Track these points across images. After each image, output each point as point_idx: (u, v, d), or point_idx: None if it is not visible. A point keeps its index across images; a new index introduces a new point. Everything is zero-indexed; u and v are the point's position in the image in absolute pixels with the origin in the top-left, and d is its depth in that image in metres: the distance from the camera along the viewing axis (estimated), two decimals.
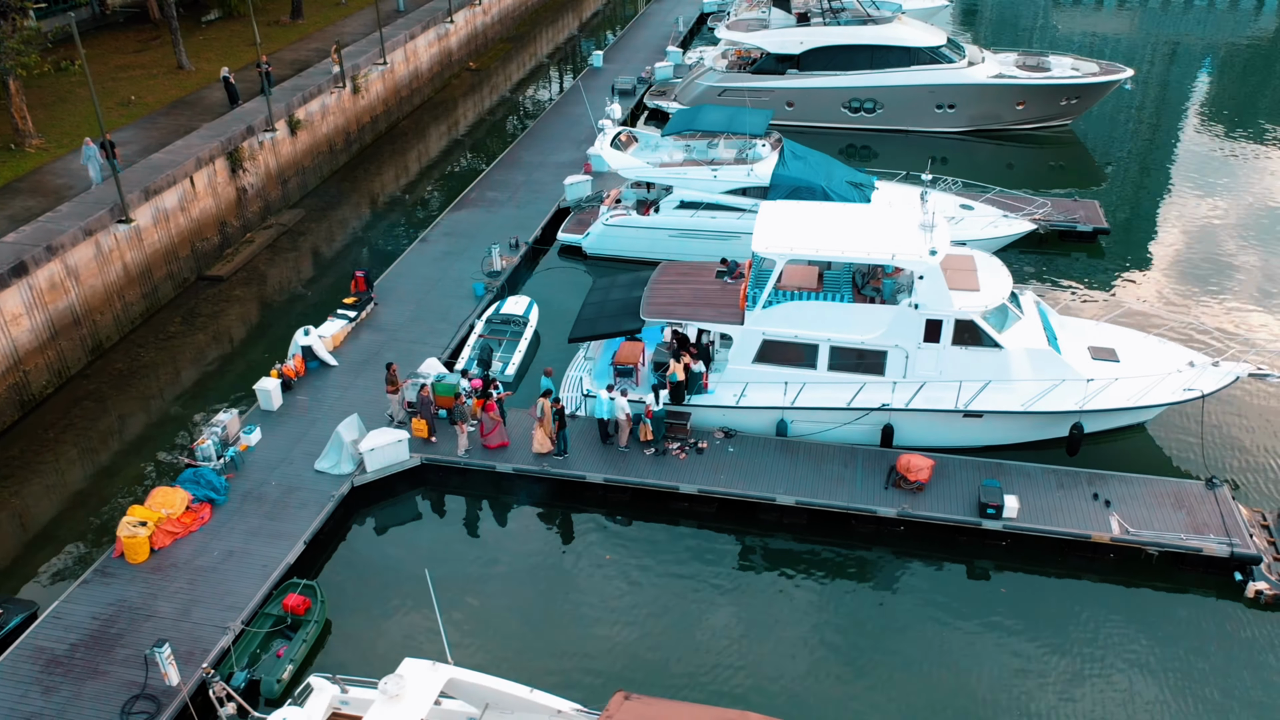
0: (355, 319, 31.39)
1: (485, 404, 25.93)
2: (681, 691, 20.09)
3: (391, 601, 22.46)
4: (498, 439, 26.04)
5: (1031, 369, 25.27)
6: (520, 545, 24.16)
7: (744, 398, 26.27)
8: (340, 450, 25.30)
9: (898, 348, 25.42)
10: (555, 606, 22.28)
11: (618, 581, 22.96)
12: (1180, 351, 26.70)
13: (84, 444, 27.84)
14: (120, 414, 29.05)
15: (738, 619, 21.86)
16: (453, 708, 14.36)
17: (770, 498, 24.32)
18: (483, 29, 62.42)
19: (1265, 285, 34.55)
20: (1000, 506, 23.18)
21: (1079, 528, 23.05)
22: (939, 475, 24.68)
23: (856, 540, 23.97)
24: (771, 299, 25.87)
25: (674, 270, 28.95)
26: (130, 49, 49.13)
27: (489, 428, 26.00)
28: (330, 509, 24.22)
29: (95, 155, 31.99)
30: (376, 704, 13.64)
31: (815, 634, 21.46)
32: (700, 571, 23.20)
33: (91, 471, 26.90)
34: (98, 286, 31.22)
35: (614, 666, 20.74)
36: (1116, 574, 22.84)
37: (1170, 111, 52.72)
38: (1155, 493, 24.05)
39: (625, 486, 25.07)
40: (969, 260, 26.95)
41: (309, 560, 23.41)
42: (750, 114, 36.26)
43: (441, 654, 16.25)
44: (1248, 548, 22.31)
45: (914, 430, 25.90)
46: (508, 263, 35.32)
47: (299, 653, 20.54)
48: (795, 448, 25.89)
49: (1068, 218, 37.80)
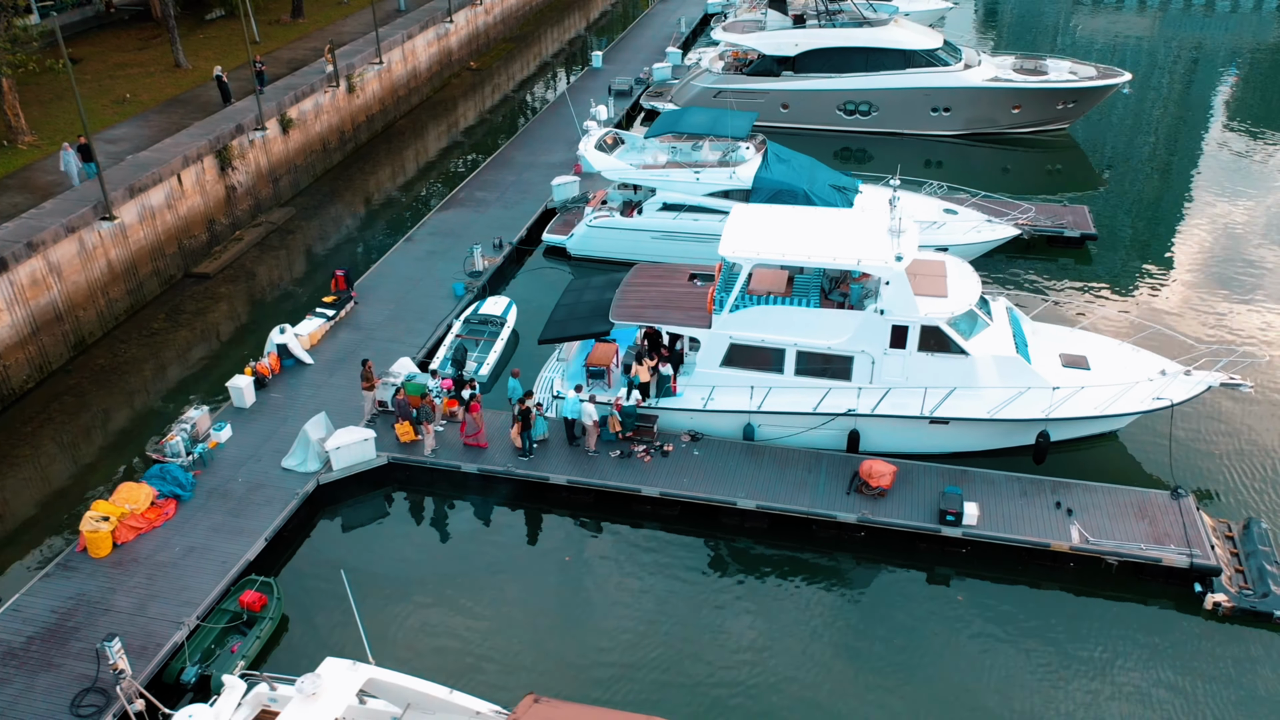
0: (333, 318, 31.59)
1: (469, 405, 26.03)
2: (617, 691, 20.15)
3: (348, 600, 22.59)
4: (483, 439, 26.09)
5: (999, 376, 25.14)
6: (481, 546, 24.26)
7: (711, 401, 26.27)
8: (307, 448, 25.50)
9: (864, 353, 25.35)
10: (509, 608, 22.36)
11: (575, 584, 23.02)
12: (1153, 360, 26.47)
13: (61, 438, 28.17)
14: (99, 409, 29.37)
15: (690, 623, 21.87)
16: (378, 707, 14.47)
17: (731, 502, 24.31)
18: (484, 29, 62.63)
19: (1251, 295, 34.21)
20: (960, 514, 23.07)
21: (1040, 536, 22.92)
22: (902, 481, 24.60)
23: (817, 545, 23.93)
24: (738, 303, 25.85)
25: (647, 273, 28.98)
26: (132, 47, 49.65)
27: (472, 429, 26.13)
28: (294, 506, 24.41)
29: (73, 160, 32.39)
30: (293, 702, 13.78)
31: (764, 640, 21.43)
32: (658, 574, 23.22)
33: (66, 466, 27.22)
34: (80, 283, 31.57)
35: (556, 667, 20.82)
36: (1076, 583, 22.69)
37: (1177, 117, 52.21)
38: (1119, 502, 23.87)
39: (588, 488, 25.13)
40: (940, 266, 26.83)
41: (271, 557, 23.61)
42: (734, 116, 36.23)
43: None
44: (1208, 559, 22.12)
45: (880, 436, 25.83)
46: (490, 263, 35.45)
47: (252, 649, 20.71)
48: (760, 452, 25.88)
49: (1055, 223, 37.55)
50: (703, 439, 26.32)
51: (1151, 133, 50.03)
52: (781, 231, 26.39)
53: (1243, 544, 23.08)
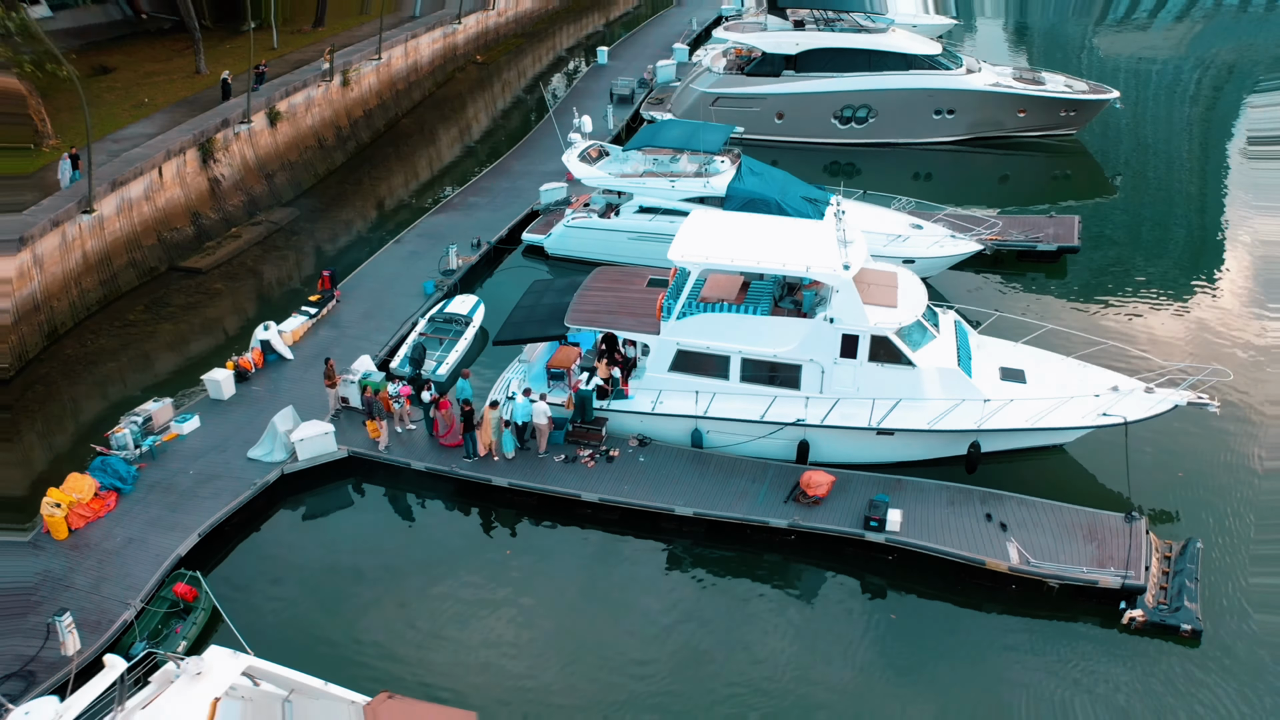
0: (316, 315, 32.33)
1: (438, 404, 26.42)
2: (533, 686, 20.51)
3: (285, 589, 23.19)
4: (453, 438, 26.46)
5: (941, 388, 25.13)
6: (423, 541, 24.73)
7: (660, 405, 26.48)
8: (274, 439, 26.17)
9: (813, 362, 25.41)
10: (435, 605, 22.75)
11: (509, 582, 23.36)
12: (1104, 376, 26.23)
13: (35, 426, 28.95)
14: (67, 398, 30.08)
15: (612, 624, 22.15)
16: (270, 689, 15.03)
17: (669, 509, 24.53)
18: (494, 27, 63.23)
19: (1230, 316, 33.67)
20: (883, 520, 23.16)
21: (966, 547, 22.94)
22: (840, 490, 24.67)
23: (749, 549, 24.10)
24: (685, 309, 26.04)
25: (606, 276, 29.24)
26: (163, 56, 50.90)
27: (444, 427, 26.51)
28: (249, 496, 25.02)
29: (67, 168, 33.79)
30: (176, 683, 14.41)
31: (685, 644, 21.64)
32: (590, 578, 23.49)
33: (32, 452, 28.00)
34: (58, 274, 32.49)
35: (475, 662, 21.23)
36: (1010, 599, 22.61)
37: (1195, 133, 51.46)
38: (1069, 522, 23.71)
39: (530, 491, 25.48)
40: (891, 277, 26.83)
41: (219, 544, 24.22)
42: (711, 131, 36.47)
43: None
44: (1138, 579, 21.98)
45: (830, 446, 25.86)
46: (464, 262, 35.98)
47: (192, 632, 21.41)
48: (707, 460, 26.04)
49: (1029, 236, 37.09)
50: (650, 445, 26.54)
51: (1165, 145, 49.37)
52: (734, 238, 26.52)
53: (1175, 563, 22.93)
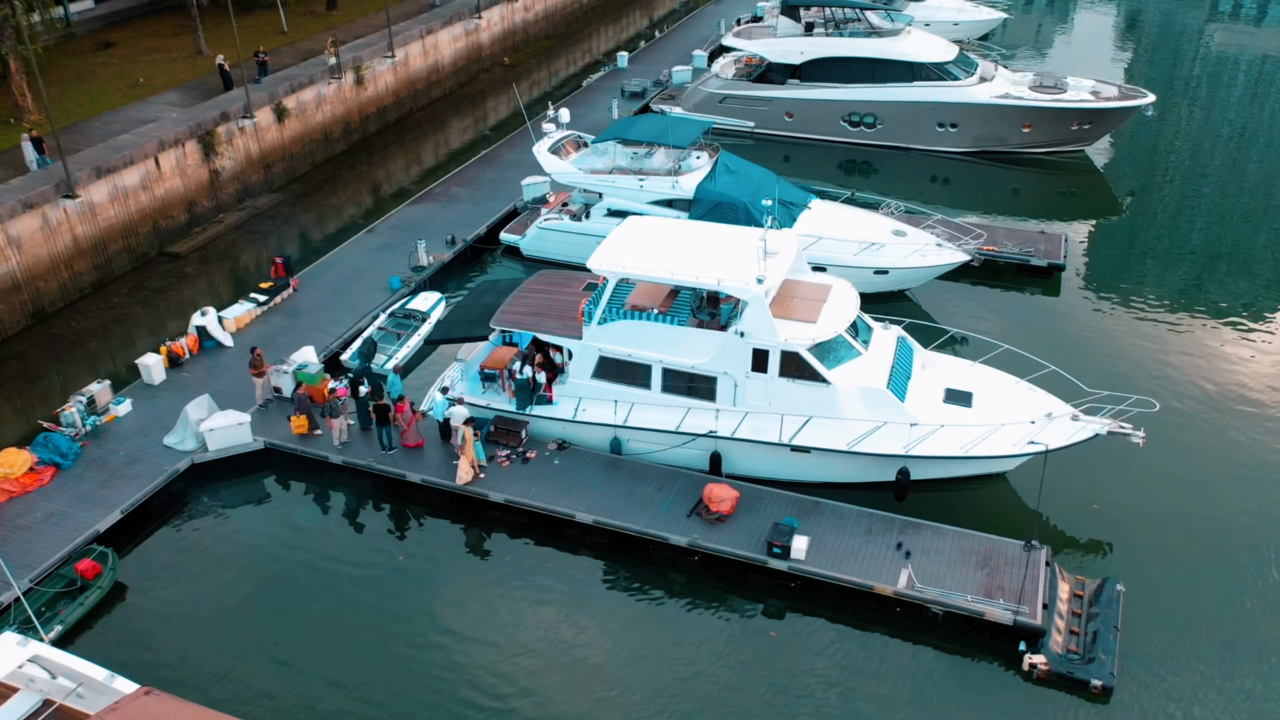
0: (265, 303, 32.74)
1: (395, 405, 26.46)
2: (396, 689, 20.45)
3: (186, 575, 23.56)
4: (414, 439, 26.37)
5: (864, 407, 24.34)
6: (328, 537, 24.85)
7: (581, 412, 26.23)
8: (186, 428, 26.60)
9: (727, 375, 24.91)
10: (323, 602, 22.88)
11: (400, 584, 23.37)
12: (1045, 402, 25.16)
13: None
14: (39, 376, 31.14)
15: (500, 632, 21.99)
16: (65, 683, 15.25)
17: (570, 514, 24.27)
18: (521, 25, 63.34)
19: (1200, 343, 32.03)
20: (787, 547, 22.48)
21: (867, 577, 22.14)
22: (747, 508, 24.10)
23: (651, 566, 23.67)
24: (606, 316, 25.72)
25: (545, 280, 29.06)
26: (168, 33, 52.16)
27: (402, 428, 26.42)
28: (161, 483, 25.52)
29: (30, 150, 34.70)
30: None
31: (565, 655, 21.39)
32: (491, 582, 23.37)
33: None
34: (42, 255, 33.55)
35: (348, 663, 21.26)
36: (903, 630, 21.85)
37: (1225, 144, 49.12)
38: (966, 549, 22.84)
39: (441, 489, 25.47)
40: (823, 290, 26.11)
41: (133, 529, 24.71)
42: (683, 125, 35.89)
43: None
44: (1033, 618, 20.96)
45: (742, 460, 25.34)
46: (436, 259, 36.08)
47: (73, 616, 21.84)
48: (620, 466, 25.72)
49: (1023, 250, 35.91)
50: (569, 449, 26.31)
51: (1191, 161, 47.12)
52: (657, 247, 26.09)
53: (1090, 605, 21.79)
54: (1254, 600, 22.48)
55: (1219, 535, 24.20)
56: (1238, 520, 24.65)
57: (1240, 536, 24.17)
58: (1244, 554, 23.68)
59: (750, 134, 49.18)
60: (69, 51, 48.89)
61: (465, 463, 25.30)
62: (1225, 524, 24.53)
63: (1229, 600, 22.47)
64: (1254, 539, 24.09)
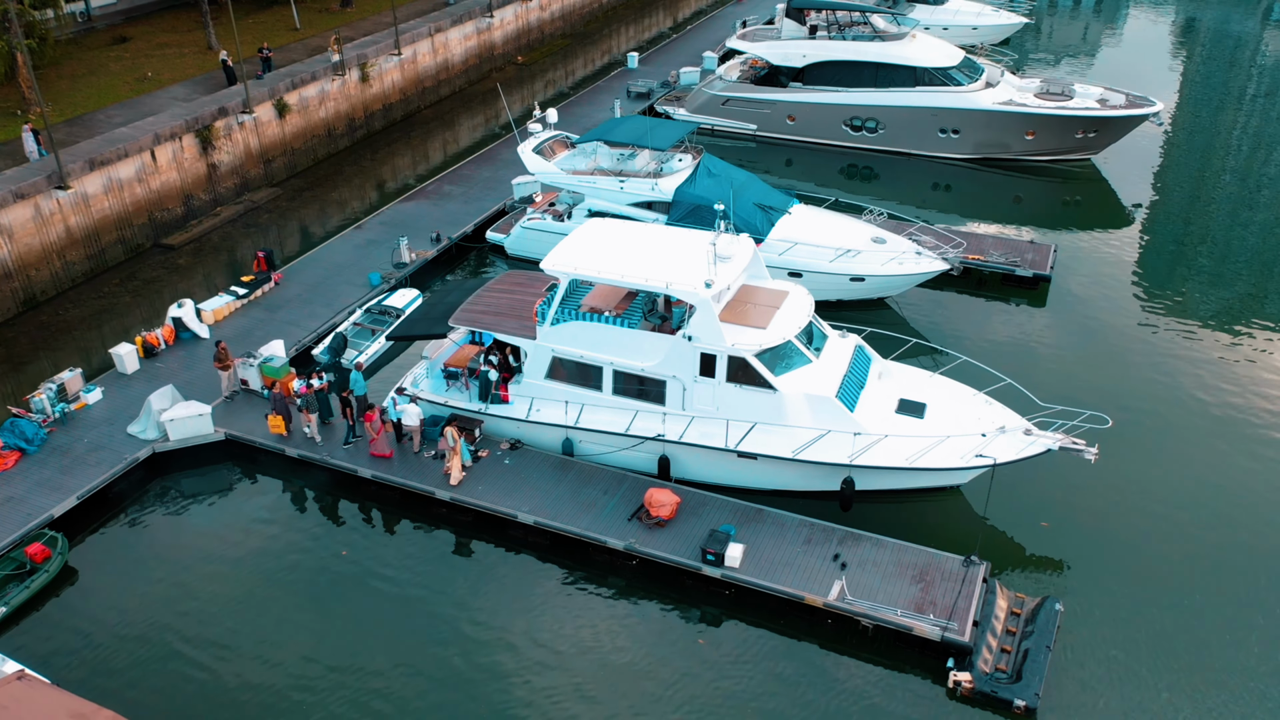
0: (244, 296, 33.24)
1: (363, 414, 26.49)
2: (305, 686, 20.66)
3: (137, 563, 24.01)
4: (383, 447, 26.20)
5: (810, 415, 24.14)
6: (276, 529, 25.16)
7: (535, 412, 26.31)
8: (149, 417, 27.10)
9: (675, 379, 24.84)
10: (262, 593, 23.19)
11: (340, 579, 23.61)
12: (1003, 415, 24.76)
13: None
14: (20, 362, 31.89)
15: (430, 631, 22.14)
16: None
17: (512, 514, 24.35)
18: (536, 24, 63.56)
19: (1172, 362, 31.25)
20: (721, 555, 22.35)
21: (800, 587, 21.94)
22: (689, 514, 24.00)
23: (590, 569, 23.67)
24: (559, 317, 25.76)
25: (510, 279, 29.15)
26: (184, 28, 53.14)
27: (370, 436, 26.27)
28: (120, 470, 26.02)
29: (31, 141, 35.69)
30: None
31: (488, 657, 21.48)
32: (427, 580, 23.52)
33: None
34: (34, 245, 34.36)
35: (277, 660, 21.53)
36: (834, 642, 21.63)
37: (1251, 156, 47.94)
38: (903, 562, 22.54)
39: (391, 485, 25.69)
40: (777, 297, 25.92)
41: (90, 515, 25.24)
42: (666, 128, 35.79)
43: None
44: (961, 635, 20.64)
45: (690, 464, 25.26)
46: (419, 256, 36.37)
47: (18, 598, 22.37)
48: (569, 468, 25.76)
49: (1009, 260, 35.34)
50: (521, 449, 26.40)
51: (1209, 173, 45.97)
52: (613, 249, 26.06)
53: (1026, 623, 21.41)
54: (1193, 625, 21.94)
55: (1166, 558, 23.65)
56: (1186, 544, 24.05)
57: (1187, 561, 23.58)
58: (1189, 578, 23.11)
59: (752, 137, 48.96)
60: (85, 45, 50.02)
61: (456, 464, 25.42)
62: (1174, 548, 23.96)
63: (1168, 625, 21.95)
64: (1201, 564, 23.49)
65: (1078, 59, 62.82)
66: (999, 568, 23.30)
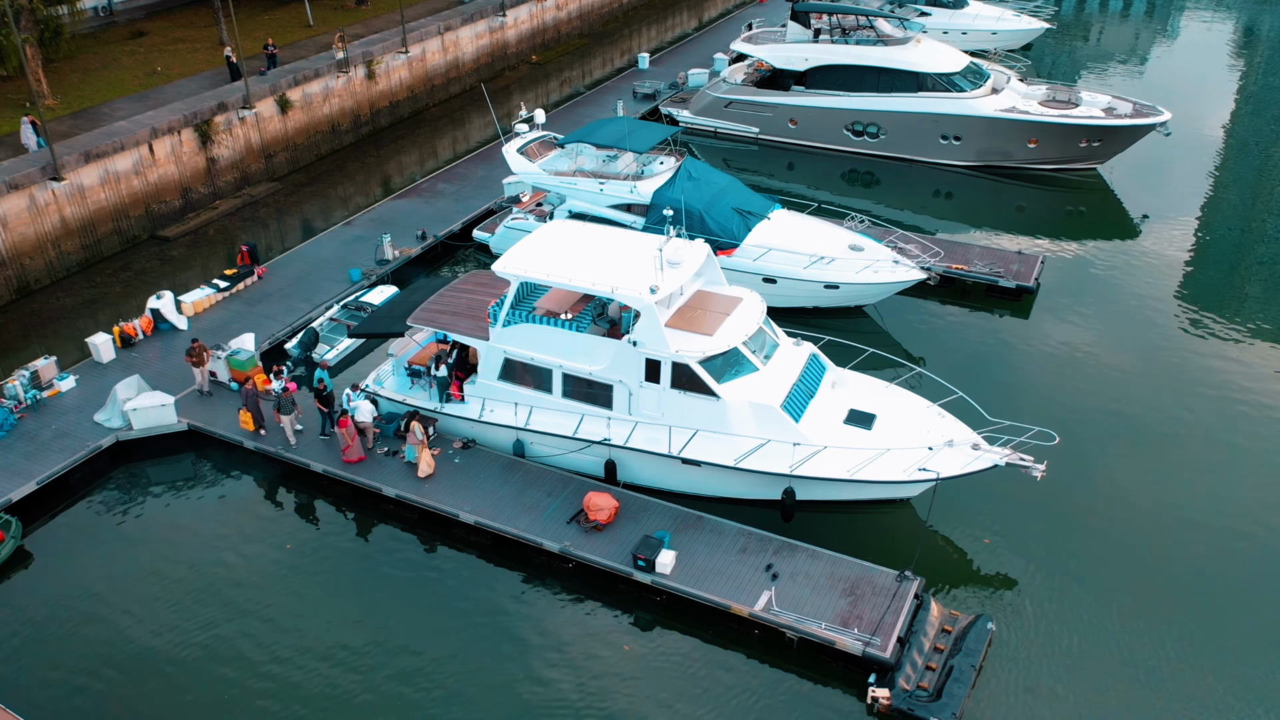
0: (225, 289, 33.81)
1: (338, 420, 26.36)
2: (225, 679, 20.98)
3: (91, 549, 24.56)
4: (355, 453, 26.29)
5: (754, 424, 23.99)
6: (227, 520, 25.55)
7: (488, 413, 26.46)
8: (114, 406, 27.69)
9: (622, 383, 24.82)
10: (205, 581, 23.59)
11: (280, 570, 23.95)
12: (954, 429, 24.40)
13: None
14: (15, 349, 32.69)
15: (357, 634, 22.37)
16: None
17: (454, 513, 24.51)
18: (553, 23, 63.77)
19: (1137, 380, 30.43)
20: (652, 561, 22.31)
21: (727, 597, 21.83)
22: (629, 519, 23.99)
23: (527, 571, 23.75)
24: (510, 318, 25.86)
25: (474, 280, 29.29)
26: (201, 23, 54.12)
27: (344, 443, 26.28)
28: (83, 457, 26.62)
29: (30, 132, 36.54)
30: None
31: (422, 657, 21.66)
32: (366, 575, 23.77)
33: None
34: (29, 234, 35.25)
35: (215, 648, 21.91)
36: (760, 653, 21.49)
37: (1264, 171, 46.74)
38: (836, 575, 22.31)
39: (343, 481, 25.99)
40: (730, 303, 25.78)
41: (52, 500, 25.86)
42: (646, 130, 35.66)
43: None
44: (882, 651, 20.39)
45: (636, 469, 25.24)
46: (402, 253, 36.71)
47: None
48: (517, 469, 25.86)
49: (992, 270, 34.80)
50: (473, 449, 26.56)
51: (1223, 186, 44.79)
52: (567, 252, 26.08)
53: (956, 641, 21.10)
54: (1127, 650, 21.42)
55: (1107, 581, 23.09)
56: (1128, 568, 23.45)
57: (1127, 585, 22.99)
58: (1128, 603, 22.55)
59: (755, 140, 48.73)
60: (104, 39, 51.19)
61: (426, 456, 25.65)
62: (1115, 571, 23.38)
63: (1100, 647, 21.48)
64: (1142, 590, 22.87)
65: (1107, 65, 61.52)
66: (938, 584, 22.98)
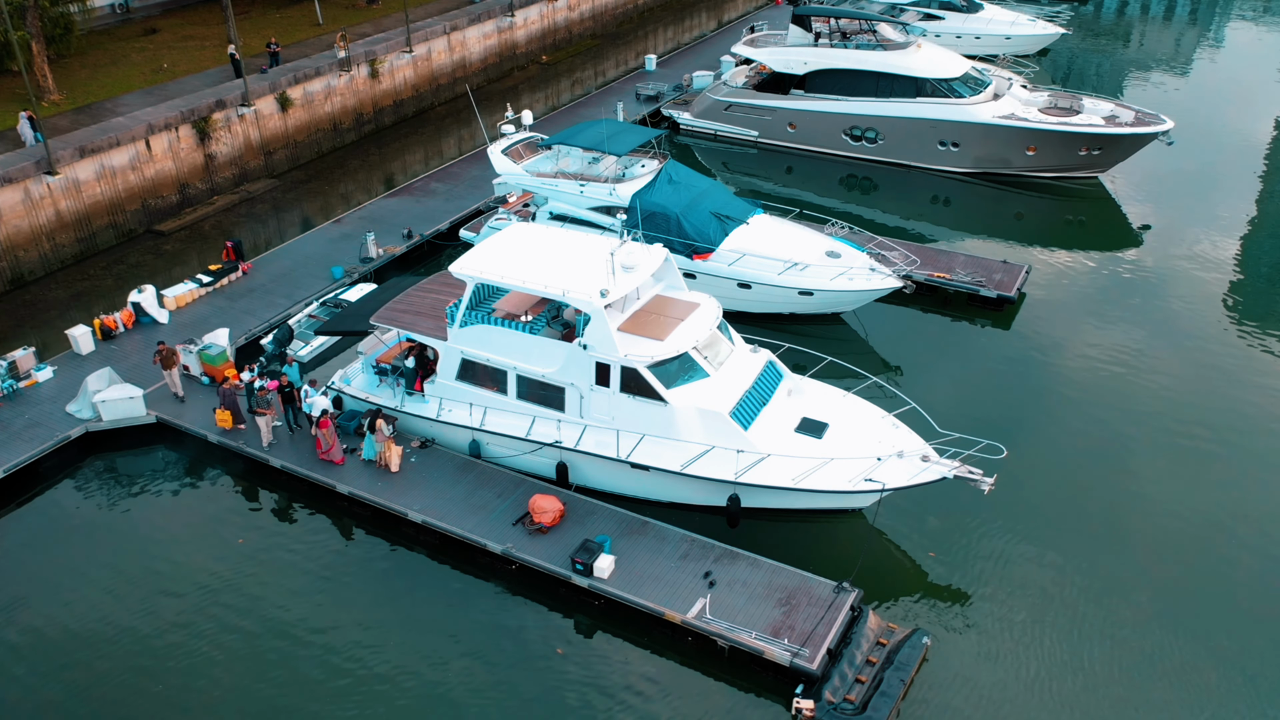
0: (208, 284, 34.31)
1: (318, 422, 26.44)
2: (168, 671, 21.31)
3: (54, 538, 25.09)
4: (336, 454, 26.42)
5: (701, 430, 23.93)
6: (185, 512, 25.95)
7: (445, 412, 26.64)
8: (85, 397, 28.23)
9: (573, 386, 24.87)
10: (159, 574, 23.99)
11: (232, 566, 24.28)
12: (906, 440, 24.16)
13: None
14: (3, 339, 33.49)
15: (304, 630, 22.63)
16: None
17: (403, 512, 24.70)
18: (564, 24, 63.95)
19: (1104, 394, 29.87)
20: (590, 565, 22.34)
21: (661, 603, 21.79)
22: (574, 522, 24.04)
23: (472, 571, 23.88)
24: (466, 319, 26.00)
25: (441, 280, 29.33)
26: (214, 21, 54.95)
27: (326, 445, 26.50)
28: (50, 447, 27.16)
29: (27, 127, 37.30)
30: None
31: (365, 652, 21.88)
32: (314, 572, 24.02)
33: None
34: (23, 227, 36.05)
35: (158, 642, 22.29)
36: (693, 660, 21.44)
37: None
38: (774, 584, 22.19)
39: (299, 477, 26.30)
40: (686, 309, 25.72)
41: (19, 489, 26.44)
42: (627, 133, 35.63)
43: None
44: (809, 663, 20.25)
45: (587, 471, 25.29)
46: (387, 251, 37.03)
47: None
48: (471, 469, 26.02)
49: (974, 280, 34.41)
50: (431, 448, 26.76)
51: (1224, 199, 43.83)
52: (525, 255, 26.16)
53: (890, 654, 20.90)
54: (1060, 666, 21.09)
55: (1048, 596, 22.76)
56: (1071, 585, 23.05)
57: (1068, 602, 22.63)
58: (1064, 619, 22.20)
59: (754, 143, 48.56)
60: (117, 36, 52.20)
61: (396, 453, 25.94)
62: (1058, 587, 23.01)
63: (1034, 664, 21.17)
64: (1082, 606, 22.52)
65: (1125, 72, 60.52)
66: (880, 596, 22.78)
